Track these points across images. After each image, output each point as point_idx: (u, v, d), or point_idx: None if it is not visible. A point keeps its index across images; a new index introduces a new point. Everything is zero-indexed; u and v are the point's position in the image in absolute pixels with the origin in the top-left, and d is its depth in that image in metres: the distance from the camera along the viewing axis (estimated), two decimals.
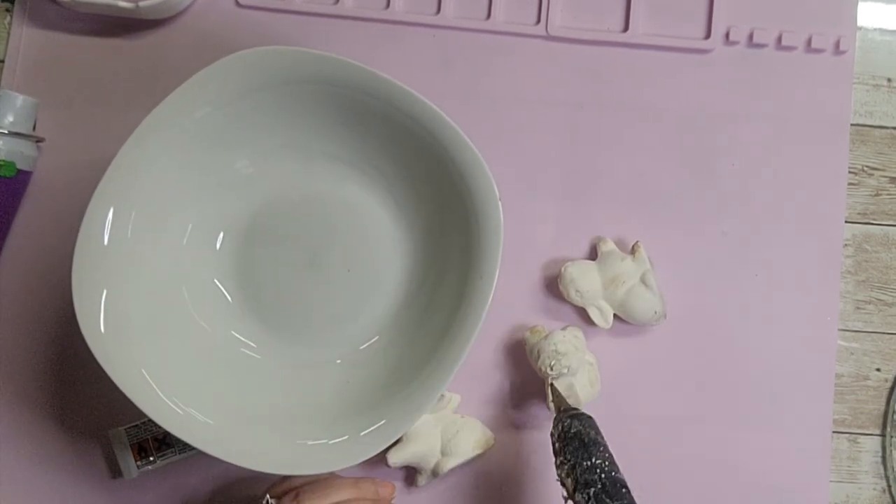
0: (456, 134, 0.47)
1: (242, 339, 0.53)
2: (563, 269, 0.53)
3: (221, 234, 0.53)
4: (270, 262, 0.53)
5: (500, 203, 0.47)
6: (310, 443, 0.48)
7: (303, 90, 0.48)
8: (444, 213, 0.50)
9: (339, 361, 0.53)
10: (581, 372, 0.52)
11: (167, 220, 0.51)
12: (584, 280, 0.53)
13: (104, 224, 0.48)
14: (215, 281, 0.53)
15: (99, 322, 0.47)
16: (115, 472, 0.54)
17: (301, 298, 0.53)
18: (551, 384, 0.51)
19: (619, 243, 0.55)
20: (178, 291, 0.51)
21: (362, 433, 0.47)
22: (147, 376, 0.48)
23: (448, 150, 0.48)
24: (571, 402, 0.51)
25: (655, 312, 0.53)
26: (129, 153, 0.48)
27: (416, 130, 0.48)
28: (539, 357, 0.51)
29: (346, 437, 0.48)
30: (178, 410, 0.48)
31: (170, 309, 0.51)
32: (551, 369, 0.51)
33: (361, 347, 0.53)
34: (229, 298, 0.53)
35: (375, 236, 0.53)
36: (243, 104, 0.49)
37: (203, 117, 0.48)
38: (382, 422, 0.47)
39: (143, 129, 0.48)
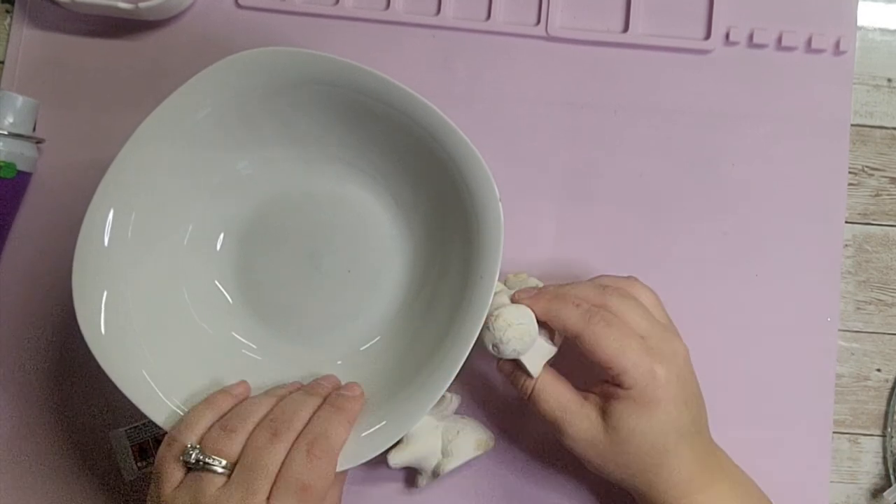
0: (454, 133, 0.47)
1: (243, 340, 0.53)
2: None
3: (222, 235, 0.53)
4: (271, 262, 0.53)
5: (500, 203, 0.47)
6: None
7: (302, 91, 0.48)
8: (445, 214, 0.50)
9: (339, 362, 0.52)
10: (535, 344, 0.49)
11: (168, 220, 0.51)
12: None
13: (104, 225, 0.48)
14: (216, 282, 0.53)
15: (100, 324, 0.47)
16: (116, 473, 0.54)
17: (301, 299, 0.53)
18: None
19: (619, 243, 0.56)
20: (178, 292, 0.51)
21: (363, 434, 0.47)
22: (148, 377, 0.48)
23: (447, 149, 0.48)
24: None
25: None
26: (130, 154, 0.48)
27: (415, 130, 0.48)
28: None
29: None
30: (179, 411, 0.48)
31: (170, 310, 0.51)
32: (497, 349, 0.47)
33: (362, 348, 0.53)
34: (229, 299, 0.53)
35: (375, 237, 0.53)
36: (243, 105, 0.49)
37: (204, 118, 0.48)
38: (383, 423, 0.47)
39: (143, 130, 0.48)
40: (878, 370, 0.56)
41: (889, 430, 0.56)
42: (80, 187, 0.56)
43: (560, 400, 0.47)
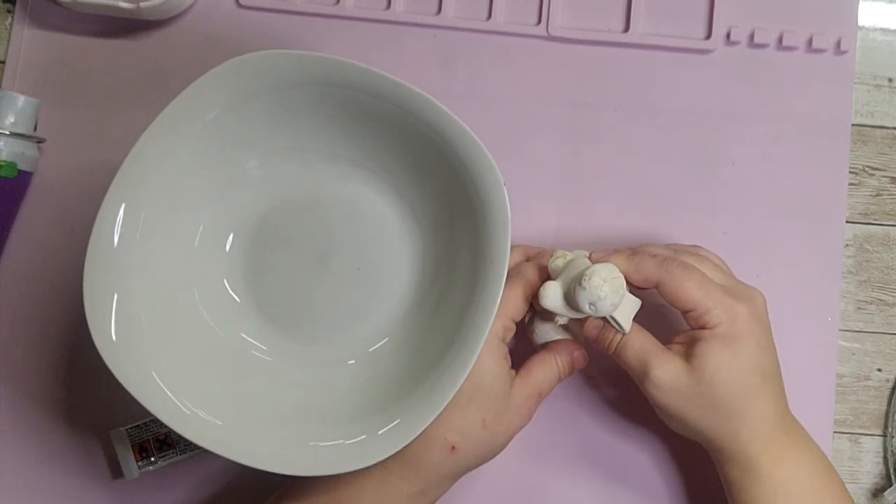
0: (456, 124, 0.47)
1: (252, 341, 0.52)
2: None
3: (231, 236, 0.53)
4: (279, 263, 0.53)
5: (504, 187, 0.47)
6: (322, 444, 0.48)
7: (310, 92, 0.48)
8: (452, 207, 0.50)
9: (351, 362, 0.52)
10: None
11: (178, 221, 0.51)
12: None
13: (114, 226, 0.47)
14: (225, 283, 0.53)
15: (110, 329, 0.47)
16: (117, 472, 0.55)
17: (310, 300, 0.53)
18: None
19: (619, 242, 0.55)
20: (188, 294, 0.51)
21: (379, 432, 0.47)
22: (158, 380, 0.48)
23: (450, 142, 0.47)
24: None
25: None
26: (140, 155, 0.47)
27: (419, 127, 0.48)
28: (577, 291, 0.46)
29: (363, 436, 0.47)
30: (188, 412, 0.47)
31: (180, 312, 0.51)
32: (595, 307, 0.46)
33: (373, 347, 0.53)
34: (238, 300, 0.53)
35: (384, 235, 0.53)
36: (252, 106, 0.49)
37: (212, 119, 0.48)
38: (397, 421, 0.47)
39: (152, 130, 0.47)
40: (879, 370, 0.56)
41: (890, 429, 0.56)
42: (82, 187, 0.56)
43: (645, 346, 0.48)
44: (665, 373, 0.46)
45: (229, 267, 0.53)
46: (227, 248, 0.53)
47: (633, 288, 0.48)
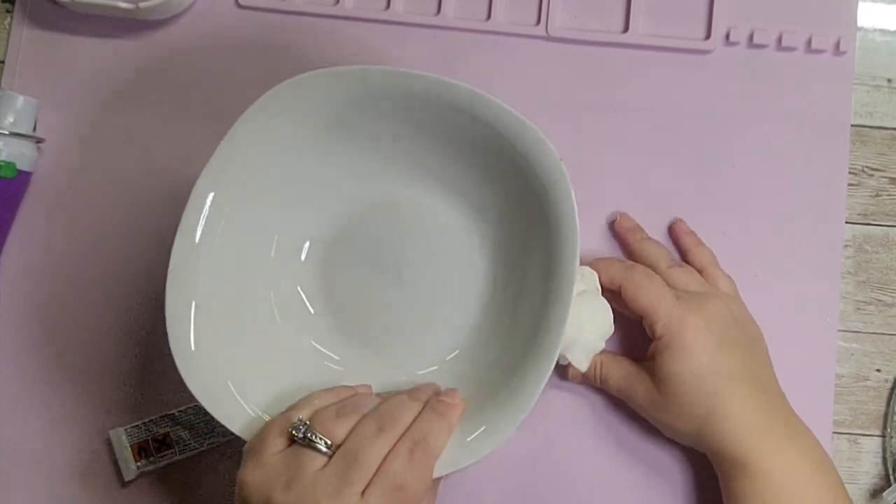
0: (539, 140, 0.46)
1: (325, 351, 0.52)
2: None
3: (307, 245, 0.53)
4: (353, 272, 0.53)
5: (574, 204, 0.47)
6: None
7: (389, 105, 0.48)
8: (526, 221, 0.50)
9: (423, 371, 0.52)
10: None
11: (256, 228, 0.51)
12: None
13: (200, 218, 0.47)
14: (299, 291, 0.53)
15: (189, 338, 0.47)
16: (116, 472, 0.55)
17: (384, 311, 0.52)
18: None
19: (618, 243, 0.56)
20: (263, 302, 0.51)
21: (468, 439, 0.46)
22: (233, 390, 0.47)
23: (523, 153, 0.47)
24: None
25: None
26: (223, 154, 0.47)
27: (493, 136, 0.47)
28: None
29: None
30: (266, 417, 0.47)
31: (256, 320, 0.50)
32: None
33: (448, 357, 0.52)
34: (312, 310, 0.53)
35: (457, 247, 0.52)
36: (331, 117, 0.49)
37: (292, 130, 0.48)
38: (483, 428, 0.46)
39: (236, 131, 0.47)
40: (878, 370, 0.56)
41: (888, 430, 0.56)
42: (80, 187, 0.56)
43: (622, 373, 0.52)
44: (641, 393, 0.50)
45: (304, 276, 0.53)
46: (303, 257, 0.53)
47: (606, 293, 0.50)
